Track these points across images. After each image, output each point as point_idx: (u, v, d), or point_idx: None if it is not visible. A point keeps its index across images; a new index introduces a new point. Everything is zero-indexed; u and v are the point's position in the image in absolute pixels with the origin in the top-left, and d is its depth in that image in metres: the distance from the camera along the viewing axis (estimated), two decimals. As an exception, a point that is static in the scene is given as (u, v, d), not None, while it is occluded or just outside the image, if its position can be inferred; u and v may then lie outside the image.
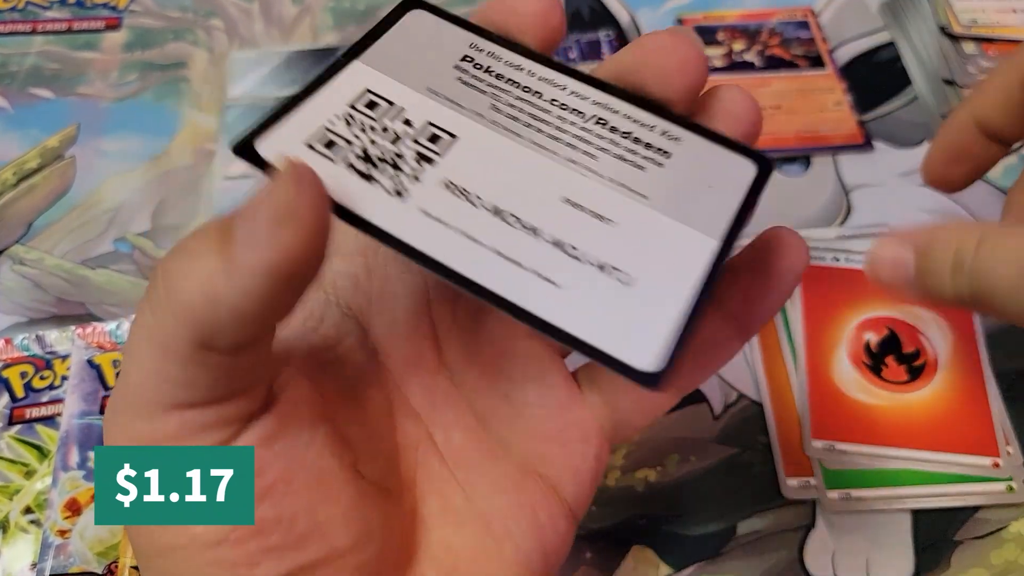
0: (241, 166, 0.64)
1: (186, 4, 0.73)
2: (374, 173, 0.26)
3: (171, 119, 0.66)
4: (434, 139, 0.27)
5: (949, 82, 0.61)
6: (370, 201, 0.25)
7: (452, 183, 0.26)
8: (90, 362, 0.51)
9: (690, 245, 0.25)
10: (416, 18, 0.30)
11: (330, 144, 0.26)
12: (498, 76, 0.28)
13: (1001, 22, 0.62)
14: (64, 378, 0.51)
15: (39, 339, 0.52)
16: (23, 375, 0.51)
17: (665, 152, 0.27)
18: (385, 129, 0.27)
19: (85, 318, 0.55)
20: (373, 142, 0.27)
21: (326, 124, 0.27)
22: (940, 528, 0.47)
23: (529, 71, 0.29)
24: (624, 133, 0.27)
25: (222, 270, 0.22)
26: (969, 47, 0.62)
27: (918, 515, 0.47)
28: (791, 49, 0.67)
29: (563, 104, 0.28)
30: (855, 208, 0.59)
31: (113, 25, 0.72)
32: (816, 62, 0.66)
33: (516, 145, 0.27)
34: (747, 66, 0.66)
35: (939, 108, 0.63)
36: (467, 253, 0.24)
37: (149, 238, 0.59)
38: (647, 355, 0.23)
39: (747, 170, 0.27)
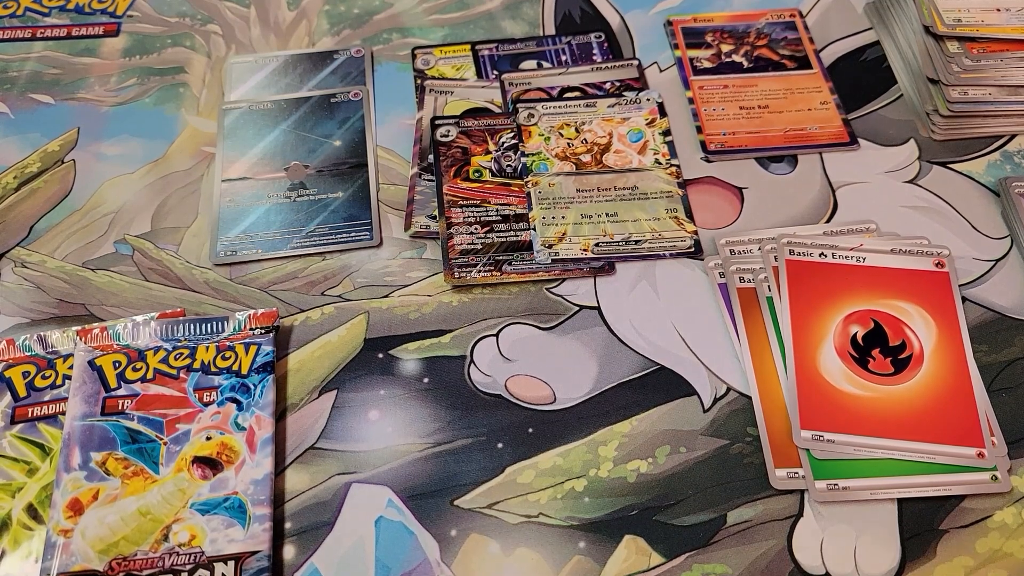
0: (239, 168, 0.65)
1: (184, 10, 0.74)
2: None
3: (170, 123, 0.67)
4: None
5: (934, 81, 0.62)
6: None
7: None
8: (91, 364, 0.51)
9: None
10: None
11: None
12: None
13: (985, 21, 0.63)
14: (66, 377, 0.52)
15: (41, 339, 0.53)
16: (25, 375, 0.52)
17: None
18: None
19: (86, 319, 0.56)
20: None
21: None
22: (926, 517, 0.48)
23: None
24: None
25: None
26: (953, 46, 0.62)
27: (904, 504, 0.48)
28: (778, 50, 0.68)
29: None
30: (841, 205, 0.60)
31: (112, 31, 0.73)
32: (803, 62, 0.67)
33: None
34: (735, 67, 0.67)
35: (924, 107, 0.64)
36: None
37: (149, 240, 0.60)
38: None
39: None
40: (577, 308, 0.56)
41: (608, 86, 0.67)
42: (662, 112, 0.64)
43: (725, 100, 0.65)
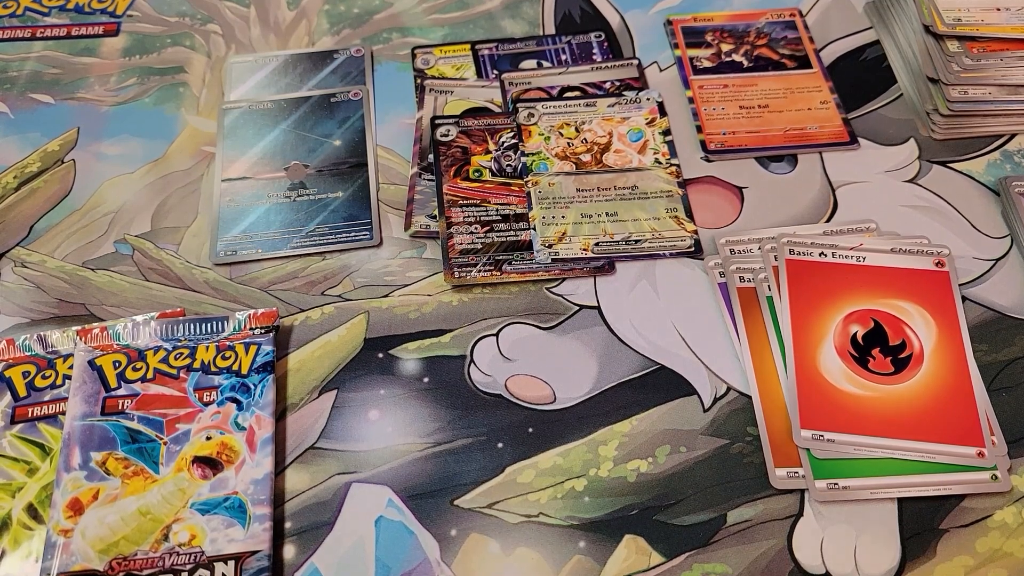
0: (239, 168, 0.65)
1: (184, 9, 0.74)
2: None
3: (170, 123, 0.67)
4: None
5: (934, 80, 0.62)
6: None
7: None
8: (91, 363, 0.51)
9: None
10: None
11: None
12: None
13: (985, 20, 0.63)
14: (66, 377, 0.52)
15: (41, 339, 0.53)
16: (25, 374, 0.52)
17: None
18: None
19: (86, 319, 0.56)
20: None
21: None
22: (926, 517, 0.48)
23: None
24: None
25: None
26: (953, 45, 0.62)
27: (904, 504, 0.48)
28: (778, 49, 0.68)
29: None
30: (841, 204, 0.60)
31: (112, 31, 0.73)
32: (803, 62, 0.67)
33: None
34: (735, 66, 0.67)
35: (924, 106, 0.64)
36: None
37: (149, 240, 0.60)
38: None
39: None
40: (577, 308, 0.56)
41: (608, 86, 0.67)
42: (662, 112, 0.64)
43: (725, 100, 0.65)
